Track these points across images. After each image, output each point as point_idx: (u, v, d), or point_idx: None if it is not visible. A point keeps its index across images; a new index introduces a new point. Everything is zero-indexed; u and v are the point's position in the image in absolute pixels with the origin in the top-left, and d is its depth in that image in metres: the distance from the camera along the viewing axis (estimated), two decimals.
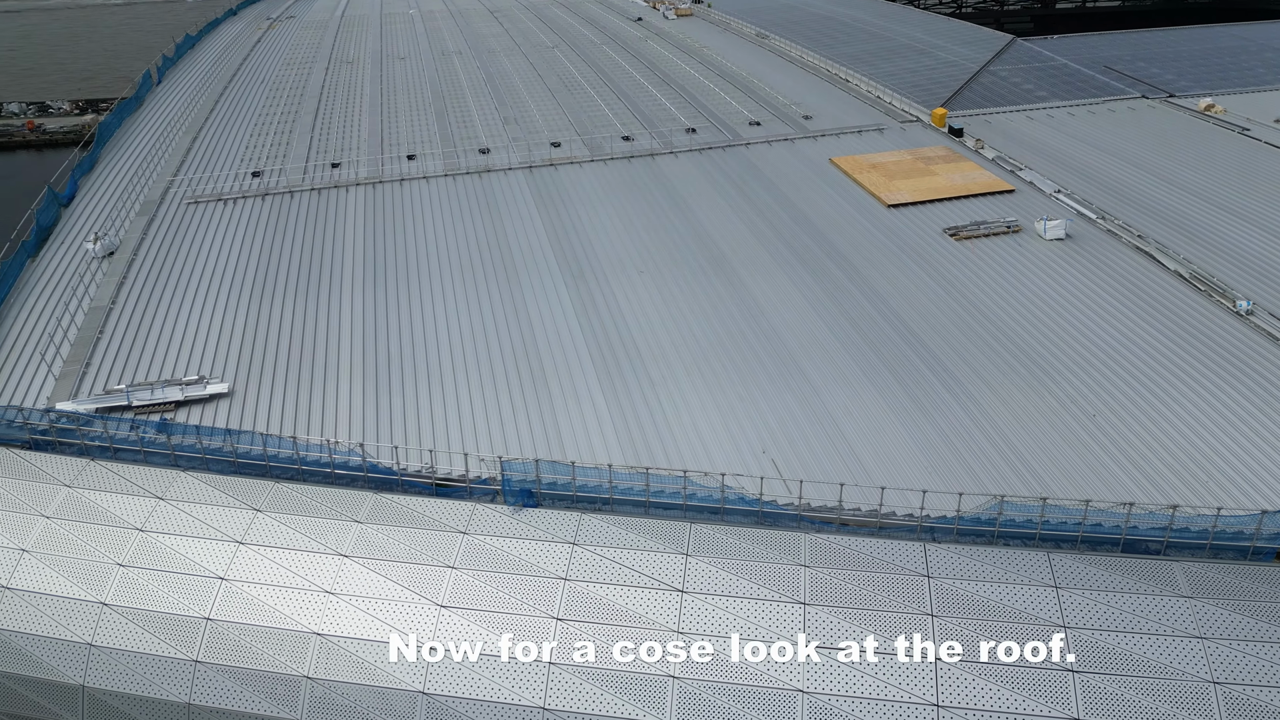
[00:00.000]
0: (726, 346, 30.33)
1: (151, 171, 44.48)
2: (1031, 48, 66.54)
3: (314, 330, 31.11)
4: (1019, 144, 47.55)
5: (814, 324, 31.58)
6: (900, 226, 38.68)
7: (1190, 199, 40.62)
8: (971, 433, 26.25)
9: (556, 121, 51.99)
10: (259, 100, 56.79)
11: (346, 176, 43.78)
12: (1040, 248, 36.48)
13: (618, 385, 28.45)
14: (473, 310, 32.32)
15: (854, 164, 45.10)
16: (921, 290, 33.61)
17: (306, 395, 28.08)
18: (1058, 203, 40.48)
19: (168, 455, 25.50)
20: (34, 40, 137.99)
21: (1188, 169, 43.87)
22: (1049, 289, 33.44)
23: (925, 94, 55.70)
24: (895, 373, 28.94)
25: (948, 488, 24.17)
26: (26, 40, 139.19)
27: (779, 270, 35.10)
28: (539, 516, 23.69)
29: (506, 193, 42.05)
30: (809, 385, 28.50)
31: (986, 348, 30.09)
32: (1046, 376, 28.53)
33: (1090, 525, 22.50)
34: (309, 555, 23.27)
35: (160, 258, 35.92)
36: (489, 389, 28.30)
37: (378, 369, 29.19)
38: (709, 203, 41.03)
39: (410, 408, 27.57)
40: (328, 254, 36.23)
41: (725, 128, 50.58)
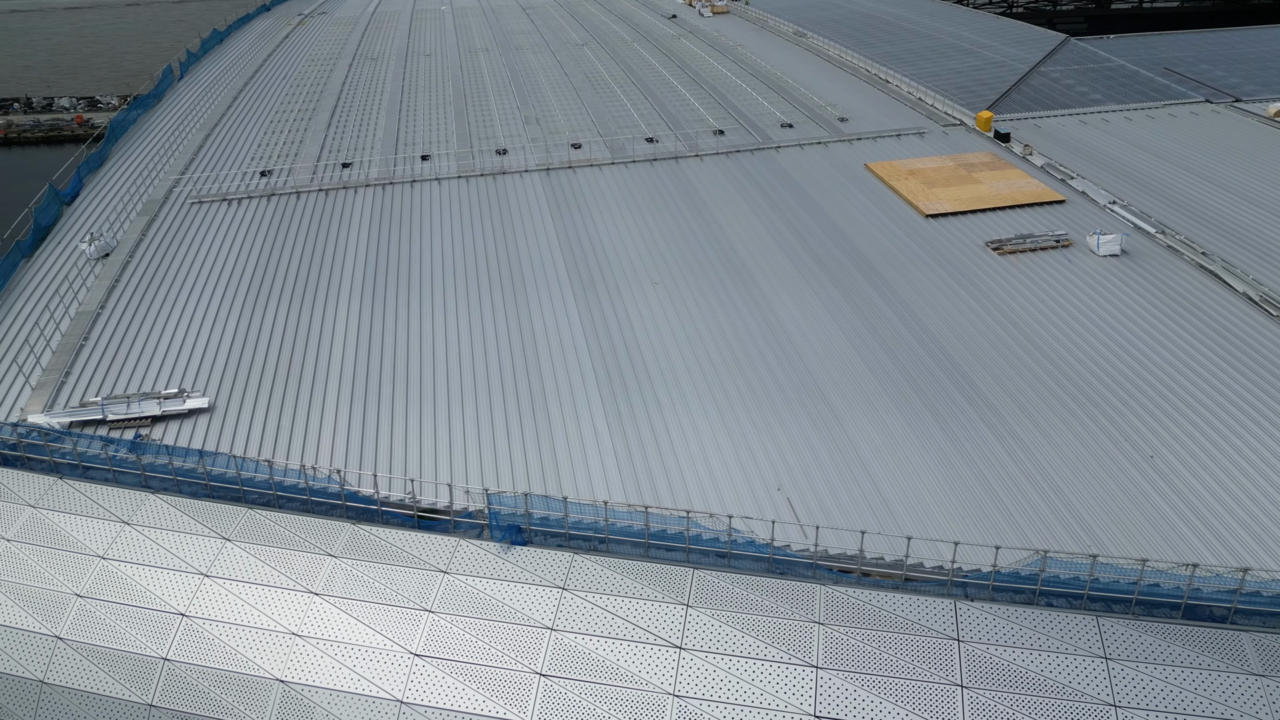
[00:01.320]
0: (743, 368, 27.97)
1: (159, 169, 43.27)
2: (1086, 47, 62.98)
3: (305, 342, 29.35)
4: (1071, 150, 44.40)
5: (840, 345, 29.07)
6: (939, 238, 35.93)
7: (1259, 212, 37.26)
8: (1012, 474, 23.58)
9: (579, 122, 49.92)
10: (277, 97, 55.56)
11: (356, 177, 42.14)
12: (1093, 265, 33.50)
13: (622, 409, 26.24)
14: (474, 323, 30.34)
15: (891, 170, 42.37)
16: (960, 309, 30.91)
17: (290, 413, 26.29)
18: (1113, 215, 37.40)
19: (138, 475, 23.87)
20: (87, 36, 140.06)
21: (1257, 179, 40.42)
22: (1102, 311, 30.52)
23: (970, 96, 52.65)
24: (928, 402, 26.34)
25: (984, 537, 21.60)
26: (80, 37, 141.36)
27: (804, 284, 32.61)
28: (527, 556, 21.61)
29: (521, 196, 40.07)
30: (832, 414, 26.03)
31: (1031, 376, 27.34)
32: (1098, 411, 25.71)
33: (1147, 587, 19.87)
34: (277, 592, 21.44)
35: (156, 261, 34.50)
36: (484, 410, 26.27)
37: (368, 386, 27.33)
38: (732, 209, 38.63)
39: (399, 429, 25.65)
40: (328, 259, 34.53)
41: (755, 130, 48.10)
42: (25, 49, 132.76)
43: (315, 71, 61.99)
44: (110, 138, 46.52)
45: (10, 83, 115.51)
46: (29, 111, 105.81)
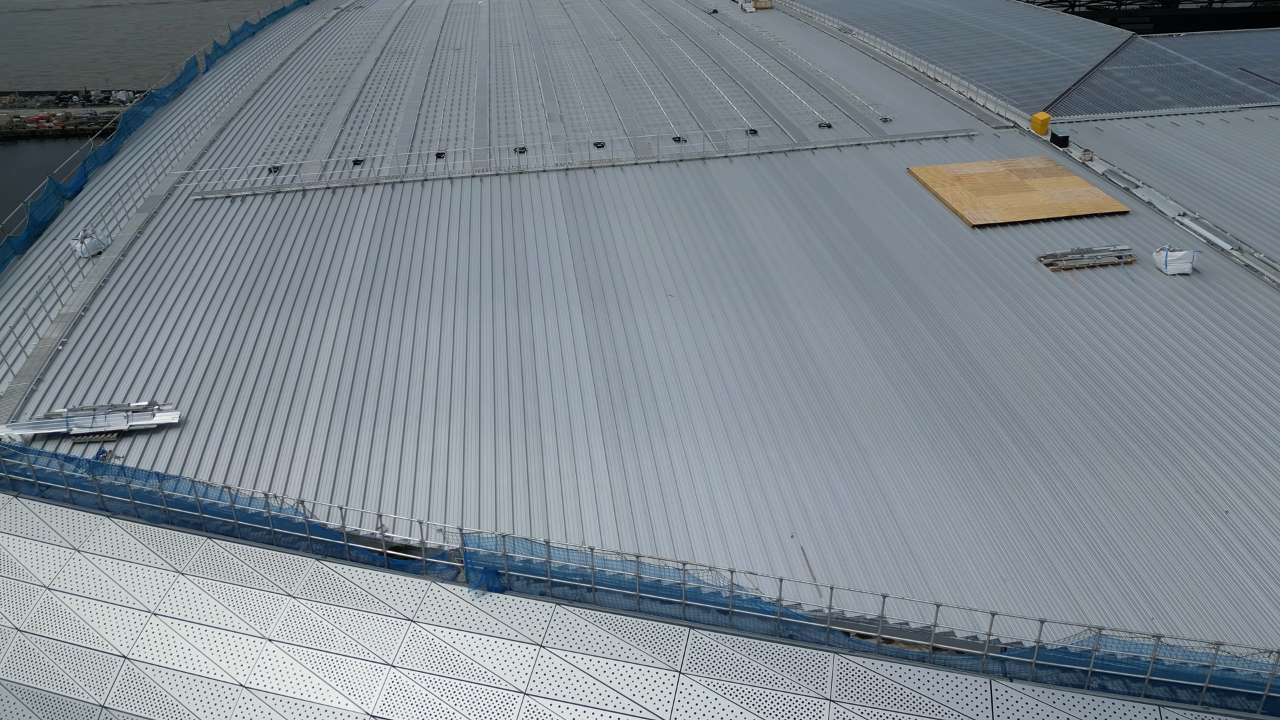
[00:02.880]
0: (760, 394, 25.28)
1: (167, 164, 41.87)
2: (1154, 45, 58.77)
3: (290, 353, 27.38)
4: (1136, 156, 40.74)
5: (870, 370, 26.21)
6: (986, 252, 32.78)
7: None
8: (1062, 528, 20.58)
9: (605, 119, 47.51)
10: (298, 92, 54.08)
11: (366, 175, 40.25)
12: (1159, 285, 30.10)
13: (623, 437, 23.75)
14: (470, 336, 28.09)
15: (935, 175, 39.21)
16: (1006, 333, 27.81)
17: (265, 431, 24.30)
18: (1182, 229, 33.83)
19: (95, 496, 22.04)
20: (144, 31, 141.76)
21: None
22: (1169, 339, 27.19)
23: (1026, 96, 49.08)
24: (966, 439, 23.39)
25: (1026, 604, 18.73)
26: (138, 31, 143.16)
27: (834, 300, 29.77)
28: (504, 605, 19.26)
29: (535, 198, 37.78)
30: (857, 449, 23.24)
31: (1086, 413, 24.21)
32: (1165, 456, 22.53)
33: (1220, 673, 16.84)
34: (228, 636, 19.38)
35: (149, 261, 32.89)
36: (472, 435, 23.99)
37: (350, 403, 25.23)
38: (760, 216, 35.87)
39: (378, 453, 23.49)
40: (325, 263, 32.59)
41: (791, 130, 45.21)
42: (85, 44, 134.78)
43: (341, 65, 60.52)
44: (123, 131, 45.32)
45: (70, 76, 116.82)
46: (87, 104, 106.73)
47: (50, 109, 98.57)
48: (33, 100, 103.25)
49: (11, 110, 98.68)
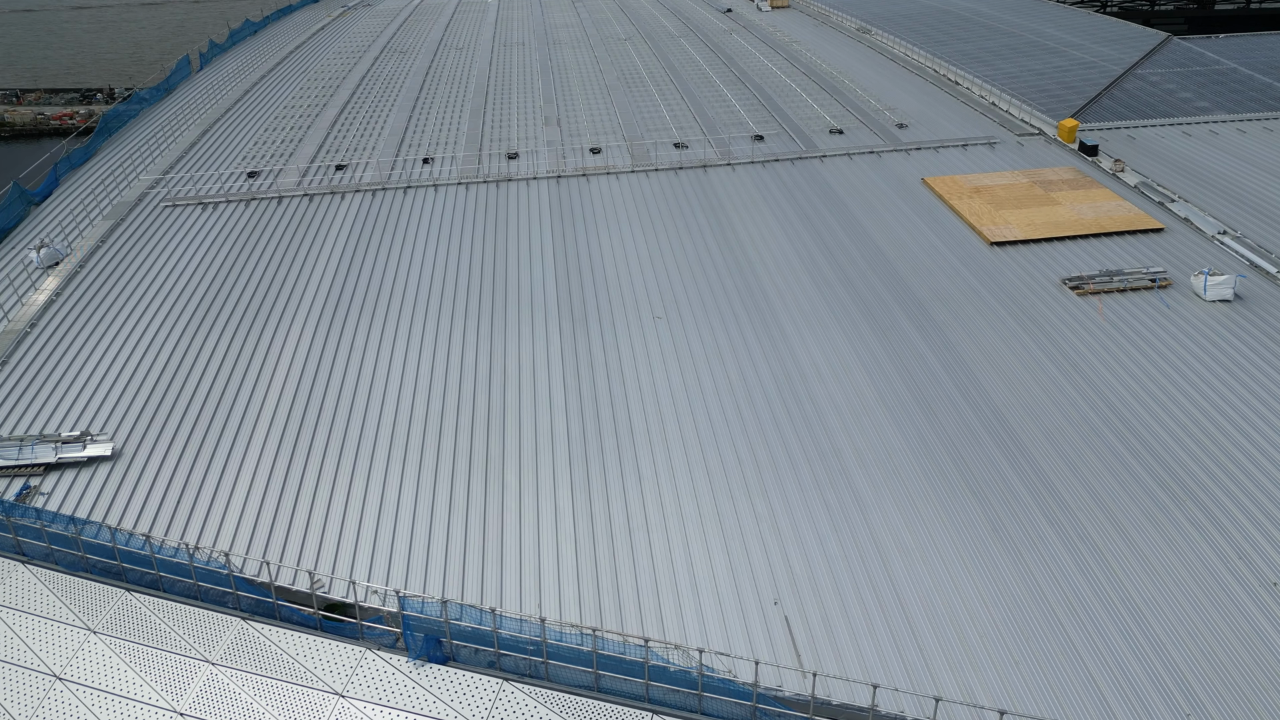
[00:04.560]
0: (749, 433, 22.86)
1: (143, 168, 40.04)
2: (1191, 48, 55.53)
3: (243, 378, 25.30)
4: (1171, 167, 37.83)
5: (871, 406, 23.71)
6: (1005, 273, 30.12)
7: None
8: (1083, 598, 18.02)
9: (604, 123, 45.18)
10: (290, 92, 52.19)
11: (347, 181, 38.18)
12: (1197, 312, 27.32)
13: (594, 482, 21.44)
14: (437, 360, 25.89)
15: (952, 186, 36.54)
16: (1025, 366, 25.20)
17: (204, 466, 22.21)
18: (1223, 249, 30.98)
19: (11, 539, 20.05)
20: (169, 30, 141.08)
21: None
22: (1209, 375, 24.46)
23: (1052, 101, 46.19)
24: (976, 488, 20.85)
25: (1041, 696, 16.19)
26: (161, 28, 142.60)
27: (835, 325, 27.27)
28: (444, 679, 17.03)
29: (523, 207, 35.53)
30: (853, 499, 20.77)
31: (1113, 460, 21.58)
32: (1204, 514, 19.87)
33: None
34: (135, 707, 17.28)
35: (106, 273, 30.98)
36: (428, 476, 21.77)
37: (299, 437, 23.09)
38: (760, 229, 33.40)
39: (322, 495, 21.34)
40: (291, 277, 30.52)
41: (800, 136, 42.66)
42: (111, 42, 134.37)
43: (338, 65, 58.61)
44: (102, 132, 43.56)
45: (95, 74, 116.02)
46: (110, 101, 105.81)
47: (74, 106, 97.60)
48: (57, 98, 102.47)
49: (37, 107, 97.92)
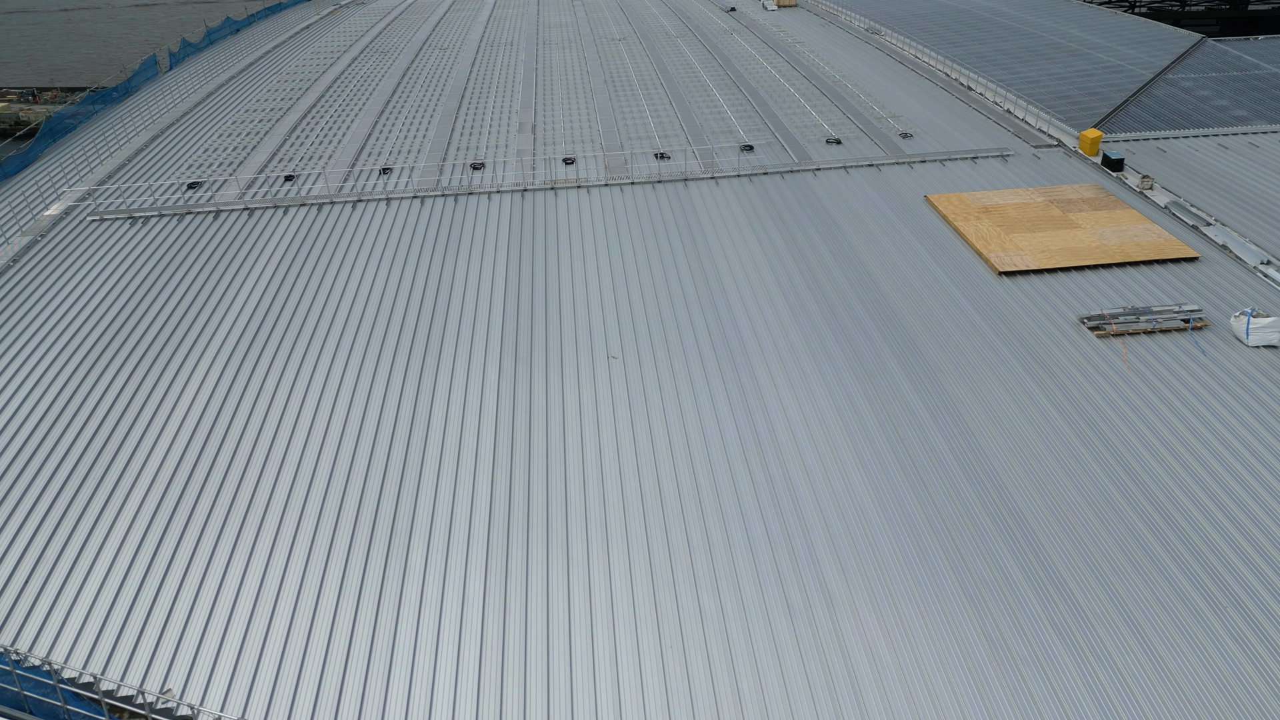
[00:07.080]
0: (705, 509, 19.36)
1: (79, 177, 37.05)
2: (1228, 51, 51.34)
3: (127, 432, 22.10)
4: (1207, 185, 33.92)
5: (852, 476, 20.13)
6: (1013, 309, 26.43)
7: None
8: None
9: (583, 131, 41.80)
10: (256, 95, 49.18)
11: (293, 193, 34.99)
12: (1240, 361, 23.51)
13: (513, 569, 18.02)
14: (352, 412, 22.55)
15: (958, 205, 32.84)
16: (1033, 424, 21.53)
17: (63, 540, 19.00)
18: (1268, 283, 27.11)
19: None
20: (189, 29, 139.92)
21: None
22: (1252, 437, 20.69)
23: (1073, 108, 42.31)
24: (968, 584, 17.24)
25: None
26: (181, 29, 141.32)
27: (814, 370, 23.70)
28: None
29: (480, 225, 32.19)
30: (824, 598, 17.23)
31: (1141, 553, 17.89)
32: (1249, 626, 16.15)
33: None
34: None
35: (10, 299, 27.96)
36: (318, 557, 18.44)
37: (178, 507, 19.82)
38: (740, 254, 29.88)
39: (191, 581, 18.05)
40: (210, 306, 27.34)
41: (793, 146, 39.07)
42: (125, 40, 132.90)
43: (312, 66, 55.58)
44: (45, 137, 40.66)
45: (107, 75, 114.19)
46: None
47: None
48: (74, 96, 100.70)
49: (51, 106, 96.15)
